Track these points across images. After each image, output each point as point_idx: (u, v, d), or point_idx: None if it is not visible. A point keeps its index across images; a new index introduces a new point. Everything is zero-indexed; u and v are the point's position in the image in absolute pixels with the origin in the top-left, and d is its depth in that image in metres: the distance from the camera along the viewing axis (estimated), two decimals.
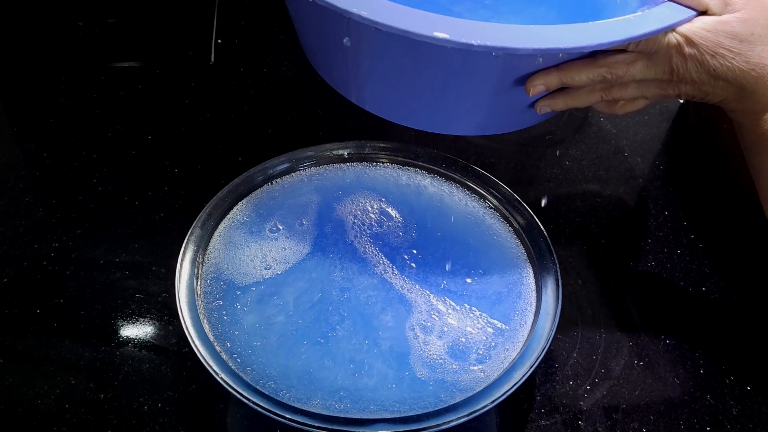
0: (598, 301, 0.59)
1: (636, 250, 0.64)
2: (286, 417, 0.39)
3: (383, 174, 0.55)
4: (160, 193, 0.67)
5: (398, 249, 0.50)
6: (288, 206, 0.52)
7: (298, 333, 0.44)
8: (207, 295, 0.46)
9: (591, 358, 0.55)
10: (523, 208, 0.51)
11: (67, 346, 0.54)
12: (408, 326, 0.45)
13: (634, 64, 0.45)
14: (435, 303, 0.46)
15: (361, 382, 0.42)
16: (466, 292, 0.47)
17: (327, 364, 0.43)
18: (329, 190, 0.54)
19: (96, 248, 0.62)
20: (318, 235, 0.50)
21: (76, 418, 0.49)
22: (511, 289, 0.47)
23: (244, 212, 0.51)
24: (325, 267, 0.48)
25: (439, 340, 0.43)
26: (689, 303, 0.60)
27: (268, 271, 0.47)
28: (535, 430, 0.51)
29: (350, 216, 0.52)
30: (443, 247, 0.50)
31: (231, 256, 0.48)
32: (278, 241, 0.50)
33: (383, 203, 0.53)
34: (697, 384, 0.54)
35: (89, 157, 0.70)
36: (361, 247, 0.50)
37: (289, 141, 0.74)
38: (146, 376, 0.52)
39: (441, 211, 0.53)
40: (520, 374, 0.41)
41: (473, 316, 0.45)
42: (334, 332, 0.44)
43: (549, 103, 0.48)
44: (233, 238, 0.49)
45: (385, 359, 0.43)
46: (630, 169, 0.72)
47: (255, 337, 0.44)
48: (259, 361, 0.43)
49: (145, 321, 0.56)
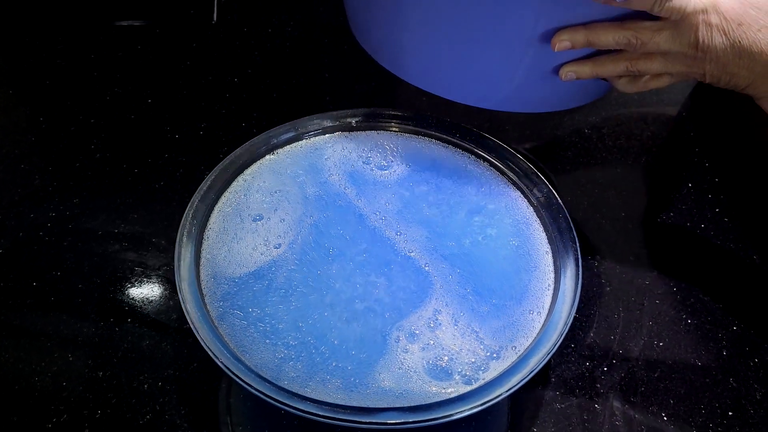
0: (617, 278, 0.57)
1: (658, 224, 0.61)
2: (300, 408, 0.37)
3: (393, 144, 0.52)
4: (161, 160, 0.64)
5: (409, 224, 0.47)
6: (292, 178, 0.49)
7: (299, 311, 0.42)
8: (208, 275, 0.43)
9: (609, 339, 0.53)
10: (541, 182, 0.48)
11: (64, 321, 0.52)
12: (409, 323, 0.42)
13: (660, 32, 0.44)
14: (441, 299, 0.43)
15: (363, 370, 0.40)
16: (478, 272, 0.45)
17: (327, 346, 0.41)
18: (335, 160, 0.51)
19: (94, 218, 0.59)
20: (324, 209, 0.48)
21: (74, 397, 0.48)
22: (527, 271, 0.45)
23: (246, 185, 0.49)
24: (331, 245, 0.46)
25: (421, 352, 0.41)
26: (713, 281, 0.57)
27: (271, 248, 0.45)
28: (550, 413, 0.49)
29: (356, 189, 0.49)
30: (456, 224, 0.47)
31: (233, 231, 0.46)
32: (282, 215, 0.47)
33: (393, 174, 0.50)
34: (719, 366, 0.52)
35: (87, 121, 0.68)
36: (369, 223, 0.47)
37: (294, 106, 0.71)
38: (146, 354, 0.50)
39: (455, 184, 0.50)
40: (536, 361, 0.39)
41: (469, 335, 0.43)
42: (338, 316, 0.42)
43: (575, 69, 0.47)
44: (234, 212, 0.47)
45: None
46: (652, 138, 0.69)
47: (258, 319, 0.41)
48: (260, 344, 0.40)
49: (145, 295, 0.54)
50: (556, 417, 0.48)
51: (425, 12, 0.46)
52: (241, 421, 0.47)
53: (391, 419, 0.37)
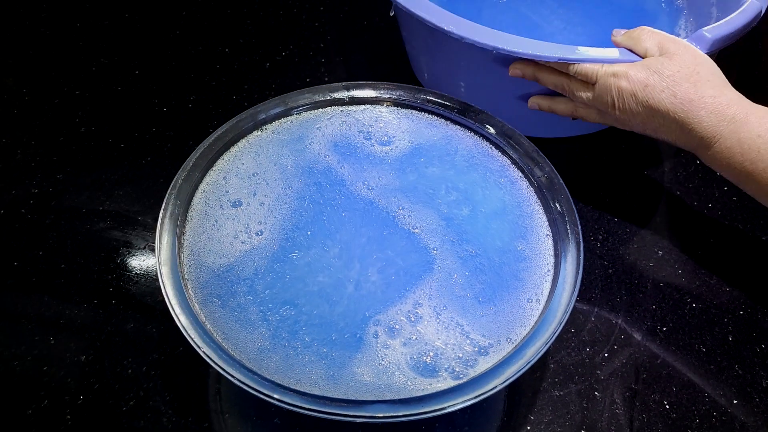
0: (620, 260, 0.55)
1: (663, 205, 0.59)
2: (286, 401, 0.35)
3: (387, 120, 0.50)
4: (148, 134, 0.62)
5: (402, 203, 0.45)
6: (279, 156, 0.47)
7: (279, 297, 0.40)
8: (189, 260, 0.41)
9: (610, 323, 0.51)
10: (543, 161, 0.46)
11: (46, 303, 0.50)
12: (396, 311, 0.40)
13: (586, 89, 0.51)
14: (432, 285, 0.41)
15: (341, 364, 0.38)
16: (474, 256, 0.43)
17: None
18: (325, 137, 0.49)
19: (78, 195, 0.57)
20: (311, 189, 0.46)
21: (54, 382, 0.46)
22: (526, 258, 0.43)
23: (232, 163, 0.46)
24: (319, 225, 0.44)
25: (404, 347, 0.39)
26: (720, 264, 0.55)
27: (252, 235, 0.43)
28: (548, 401, 0.47)
29: (347, 167, 0.47)
30: (452, 204, 0.45)
31: (213, 217, 0.43)
32: (268, 196, 0.45)
33: (387, 153, 0.48)
34: (724, 352, 0.50)
35: (71, 93, 0.65)
36: (360, 204, 0.45)
37: (287, 77, 0.68)
38: (131, 337, 0.49)
39: (451, 162, 0.47)
40: (533, 352, 0.37)
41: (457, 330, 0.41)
42: (325, 298, 0.40)
43: (537, 100, 0.57)
44: (215, 197, 0.44)
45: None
46: None
47: (238, 308, 0.40)
48: (239, 333, 0.39)
49: (130, 276, 0.52)
50: (554, 405, 0.47)
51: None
52: (229, 408, 0.46)
53: (380, 412, 0.35)
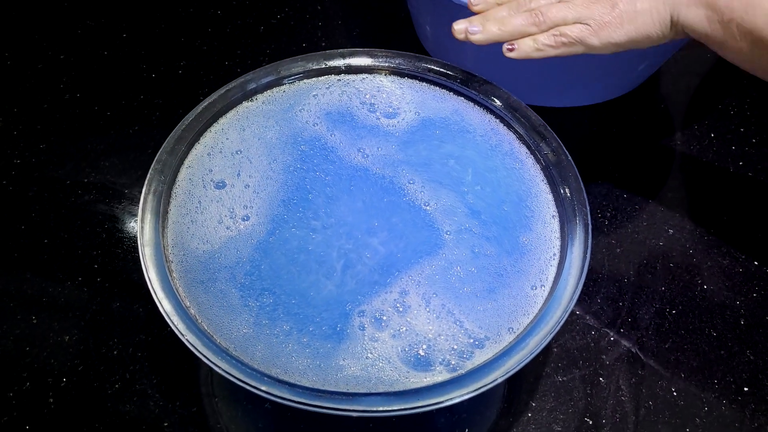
0: (629, 238, 0.52)
1: (674, 178, 0.56)
2: (275, 394, 0.33)
3: (390, 90, 0.47)
4: (135, 102, 0.59)
5: (400, 180, 0.42)
6: (265, 128, 0.44)
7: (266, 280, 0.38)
8: (174, 242, 0.39)
9: (617, 305, 0.49)
10: (550, 137, 0.43)
11: (28, 281, 0.48)
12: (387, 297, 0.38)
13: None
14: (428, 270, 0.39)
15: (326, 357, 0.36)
16: (490, 257, 0.40)
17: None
18: (320, 106, 0.46)
19: (62, 166, 0.55)
20: (295, 161, 0.43)
21: (37, 363, 0.44)
22: (530, 240, 0.40)
23: (218, 138, 0.43)
24: (305, 202, 0.41)
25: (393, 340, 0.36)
26: (731, 242, 0.52)
27: (238, 220, 0.40)
28: (550, 386, 0.45)
29: (338, 135, 0.44)
30: (453, 181, 0.42)
31: (197, 198, 0.41)
32: (252, 176, 0.42)
33: (394, 126, 0.45)
34: (735, 337, 0.48)
35: (56, 57, 0.62)
36: (354, 181, 0.42)
37: (282, 42, 0.65)
38: (116, 317, 0.47)
39: (454, 137, 0.45)
40: (536, 342, 0.35)
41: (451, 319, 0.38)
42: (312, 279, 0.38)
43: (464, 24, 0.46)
44: (198, 176, 0.41)
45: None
46: (665, 86, 0.63)
47: (223, 294, 0.37)
48: (224, 320, 0.36)
49: (117, 253, 0.50)
50: (556, 391, 0.45)
51: None
52: (220, 392, 0.44)
53: (376, 406, 0.33)
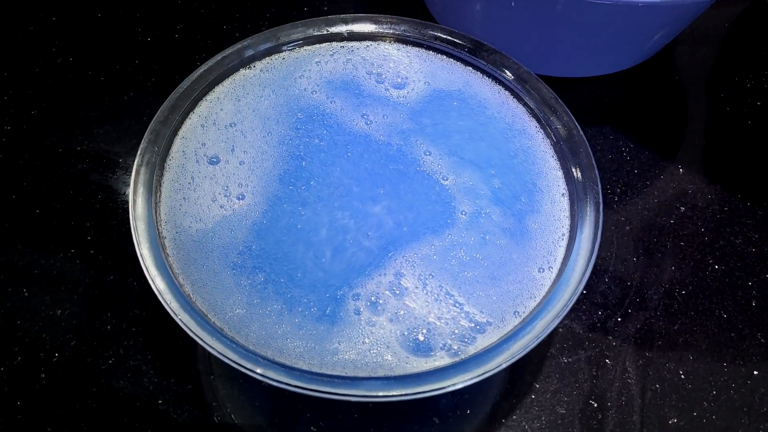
0: (639, 215, 0.50)
1: (688, 154, 0.54)
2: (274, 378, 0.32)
3: (397, 59, 0.45)
4: (130, 67, 0.57)
5: (412, 150, 0.40)
6: (260, 98, 0.42)
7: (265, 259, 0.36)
8: (167, 217, 0.37)
9: (625, 284, 0.47)
10: (561, 110, 0.41)
11: (19, 252, 0.47)
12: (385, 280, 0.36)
13: None
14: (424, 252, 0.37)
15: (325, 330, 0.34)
16: (501, 248, 0.38)
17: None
18: (322, 74, 0.44)
19: (54, 133, 0.53)
20: (291, 130, 0.41)
21: (28, 337, 0.43)
22: (538, 220, 0.38)
23: (212, 108, 0.42)
24: (302, 170, 0.39)
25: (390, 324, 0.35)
26: (745, 221, 0.51)
27: (232, 199, 0.38)
28: (554, 368, 0.44)
29: (339, 102, 0.42)
30: (480, 159, 0.40)
31: (189, 174, 0.39)
32: (247, 152, 0.40)
33: (404, 96, 0.43)
34: (746, 319, 0.46)
35: (47, 19, 0.60)
36: (356, 156, 0.40)
37: (283, 6, 0.62)
38: (110, 291, 0.45)
39: (473, 112, 0.43)
40: (542, 326, 0.34)
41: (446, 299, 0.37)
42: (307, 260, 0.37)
43: None
44: (191, 149, 0.40)
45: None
46: (682, 56, 0.61)
47: (215, 272, 0.36)
48: (217, 299, 0.35)
49: (111, 224, 0.48)
50: (561, 372, 0.44)
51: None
52: (218, 370, 0.43)
53: (374, 391, 0.32)
